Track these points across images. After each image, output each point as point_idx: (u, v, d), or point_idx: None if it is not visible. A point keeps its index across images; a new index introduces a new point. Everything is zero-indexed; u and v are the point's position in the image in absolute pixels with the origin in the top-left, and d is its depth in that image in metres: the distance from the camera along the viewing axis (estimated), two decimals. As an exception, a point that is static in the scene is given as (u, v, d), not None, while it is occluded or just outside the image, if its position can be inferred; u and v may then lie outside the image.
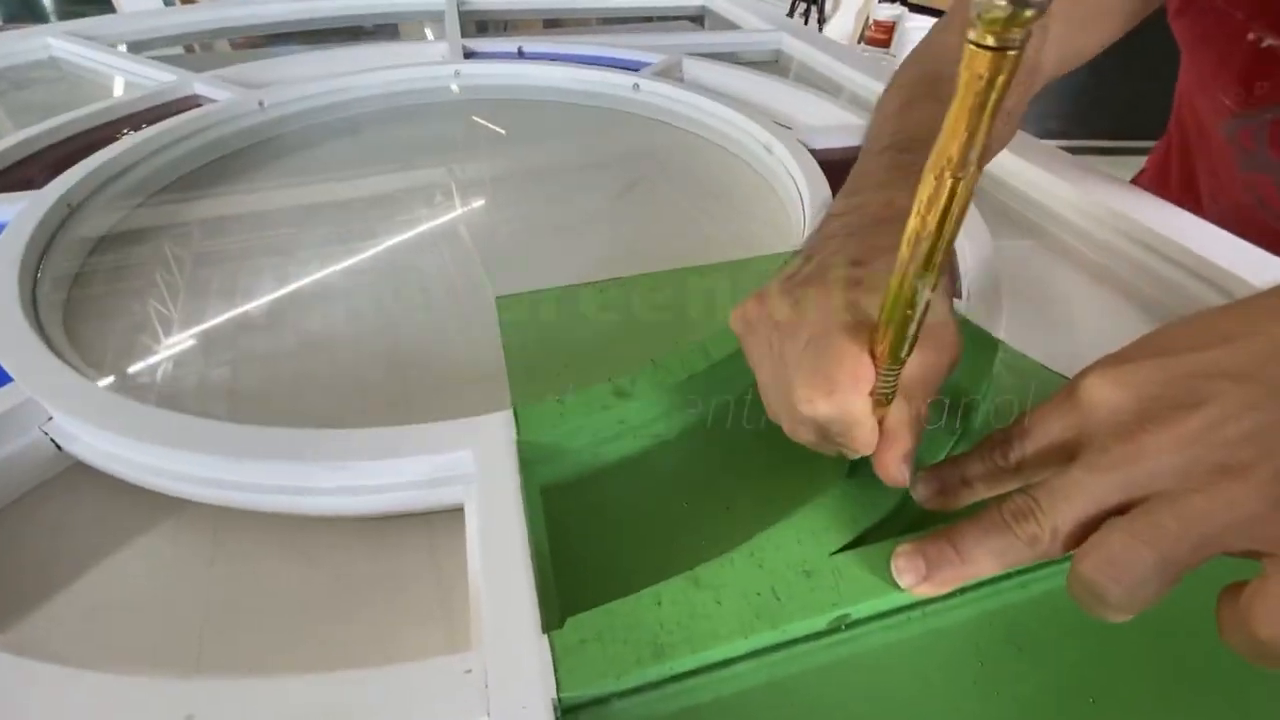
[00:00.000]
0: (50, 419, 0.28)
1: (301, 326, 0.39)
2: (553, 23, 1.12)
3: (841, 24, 3.17)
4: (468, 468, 0.27)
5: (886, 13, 2.96)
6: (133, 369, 0.35)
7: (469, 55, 0.71)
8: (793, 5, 2.85)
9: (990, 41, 0.14)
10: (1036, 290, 0.42)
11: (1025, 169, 0.50)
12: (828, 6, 3.01)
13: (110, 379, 0.34)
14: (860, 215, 0.29)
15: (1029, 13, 0.13)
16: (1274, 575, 0.17)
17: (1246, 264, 0.38)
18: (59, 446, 0.29)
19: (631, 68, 0.69)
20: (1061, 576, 0.25)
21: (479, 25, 0.99)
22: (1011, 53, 0.14)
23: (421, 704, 0.19)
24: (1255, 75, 0.48)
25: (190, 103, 0.60)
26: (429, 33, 0.94)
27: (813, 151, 0.51)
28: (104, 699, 0.19)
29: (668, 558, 0.25)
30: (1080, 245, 0.47)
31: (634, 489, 0.28)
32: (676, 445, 0.30)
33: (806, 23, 2.87)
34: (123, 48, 0.75)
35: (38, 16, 2.32)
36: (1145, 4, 0.45)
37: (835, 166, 0.48)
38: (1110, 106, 2.27)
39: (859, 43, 3.10)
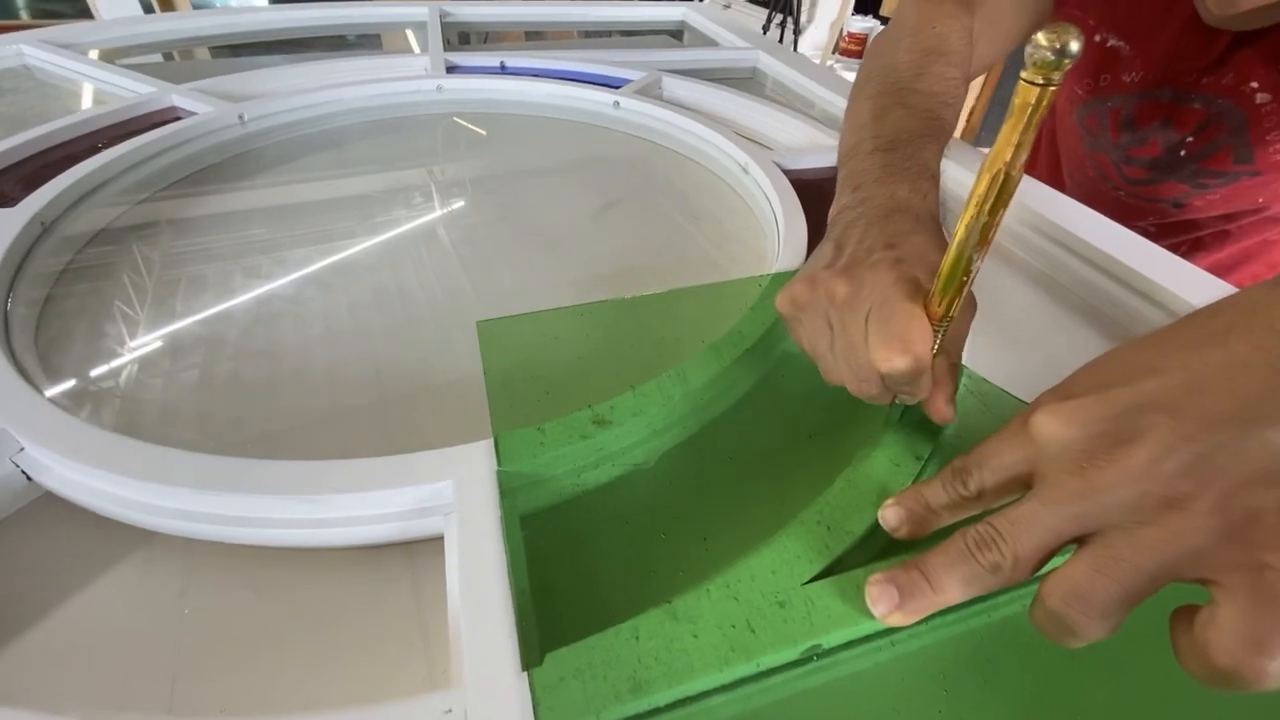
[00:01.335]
0: (22, 449, 0.28)
1: (279, 342, 0.38)
2: (534, 34, 1.12)
3: (816, 35, 3.22)
4: (448, 498, 0.27)
5: (859, 25, 3.01)
6: (107, 392, 0.35)
7: (451, 69, 0.71)
8: (769, 17, 2.87)
9: (1039, 80, 0.19)
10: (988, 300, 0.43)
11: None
12: (803, 19, 3.04)
13: (83, 403, 0.34)
14: (871, 207, 0.33)
15: (1068, 61, 0.18)
16: (1223, 603, 0.18)
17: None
18: (29, 477, 0.28)
19: (612, 84, 0.70)
20: (1021, 602, 0.26)
21: (460, 36, 0.99)
22: (1053, 88, 0.19)
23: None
24: (1101, 69, 0.58)
25: (169, 115, 0.60)
26: (412, 40, 0.93)
27: (787, 172, 0.52)
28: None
29: (646, 582, 0.26)
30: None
31: (612, 516, 0.29)
32: (655, 472, 0.31)
33: (782, 36, 2.90)
34: (94, 54, 0.74)
35: (7, 12, 2.28)
36: (1038, 20, 0.55)
37: (808, 187, 0.50)
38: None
39: (833, 53, 3.15)
